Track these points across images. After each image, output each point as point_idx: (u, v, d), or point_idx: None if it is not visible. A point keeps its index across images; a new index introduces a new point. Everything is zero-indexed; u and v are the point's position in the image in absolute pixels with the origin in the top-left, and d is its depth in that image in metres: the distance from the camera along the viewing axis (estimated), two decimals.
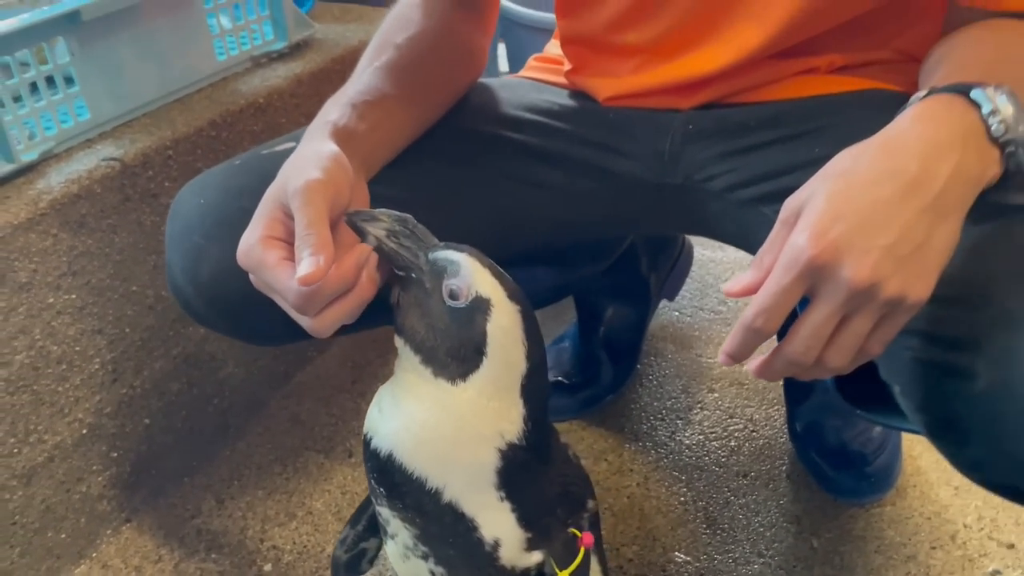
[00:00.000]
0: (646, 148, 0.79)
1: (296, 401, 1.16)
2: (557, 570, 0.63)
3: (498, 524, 0.59)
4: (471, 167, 0.78)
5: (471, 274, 0.57)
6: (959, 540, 0.92)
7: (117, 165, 0.89)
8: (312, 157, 0.60)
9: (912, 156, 0.52)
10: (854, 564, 0.90)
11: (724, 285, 0.54)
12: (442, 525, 0.58)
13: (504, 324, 0.57)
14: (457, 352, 0.57)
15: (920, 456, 1.02)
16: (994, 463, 0.53)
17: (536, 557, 0.62)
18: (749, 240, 0.77)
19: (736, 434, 1.06)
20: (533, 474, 0.60)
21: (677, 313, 1.25)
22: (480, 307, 0.56)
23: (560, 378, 1.09)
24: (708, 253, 1.39)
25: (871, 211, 0.50)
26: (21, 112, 0.86)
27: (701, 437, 1.06)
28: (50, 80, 0.88)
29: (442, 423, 0.57)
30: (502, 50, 1.50)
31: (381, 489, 0.59)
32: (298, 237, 0.55)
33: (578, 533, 0.65)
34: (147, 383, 0.98)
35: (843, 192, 0.51)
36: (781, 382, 1.11)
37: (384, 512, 0.61)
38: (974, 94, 0.54)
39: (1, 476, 0.85)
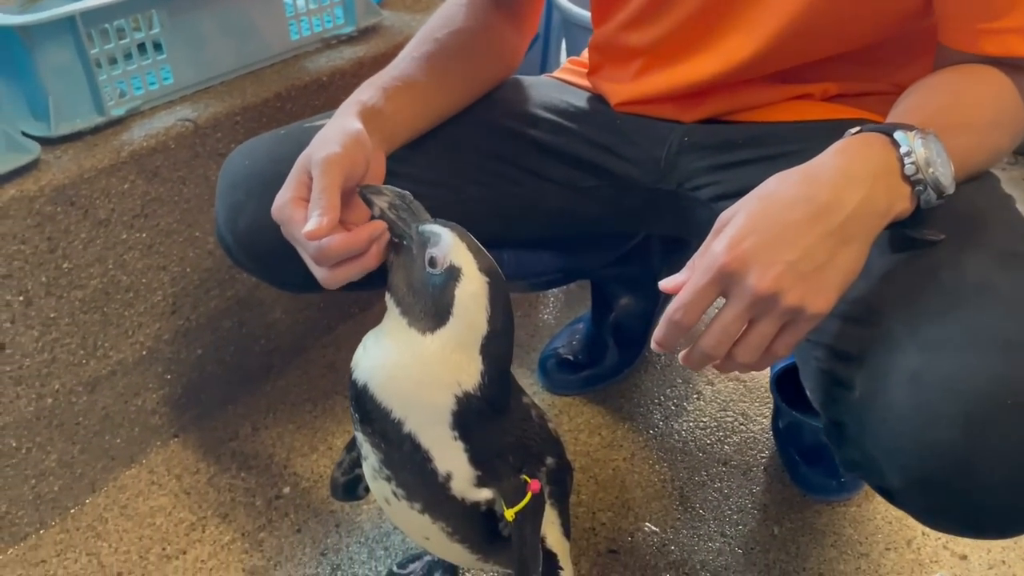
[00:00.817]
0: (645, 154, 0.87)
1: (334, 350, 1.29)
2: (505, 507, 0.73)
3: (450, 459, 0.69)
4: (486, 154, 0.88)
5: (450, 246, 0.67)
6: (914, 545, 0.97)
7: (191, 125, 1.02)
8: (336, 132, 0.71)
9: (825, 185, 0.59)
10: (808, 554, 0.97)
11: (661, 282, 0.62)
12: (402, 452, 0.68)
13: (471, 291, 0.66)
14: (429, 309, 0.67)
15: None
16: (864, 464, 0.61)
17: (485, 494, 0.71)
18: None
19: (726, 425, 1.14)
20: (486, 422, 0.69)
21: None
22: (453, 274, 0.66)
23: (569, 356, 1.19)
24: None
25: (781, 230, 0.57)
26: (114, 73, 0.99)
27: (691, 424, 1.14)
28: (141, 46, 1.02)
29: (409, 365, 0.67)
30: (563, 46, 1.58)
31: (356, 415, 0.70)
32: (312, 200, 0.66)
33: (528, 479, 0.74)
34: (202, 318, 1.12)
35: (761, 211, 0.59)
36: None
37: (359, 436, 0.72)
38: (896, 135, 0.61)
39: (70, 382, 1.00)
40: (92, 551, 1.00)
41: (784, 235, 0.57)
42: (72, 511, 1.05)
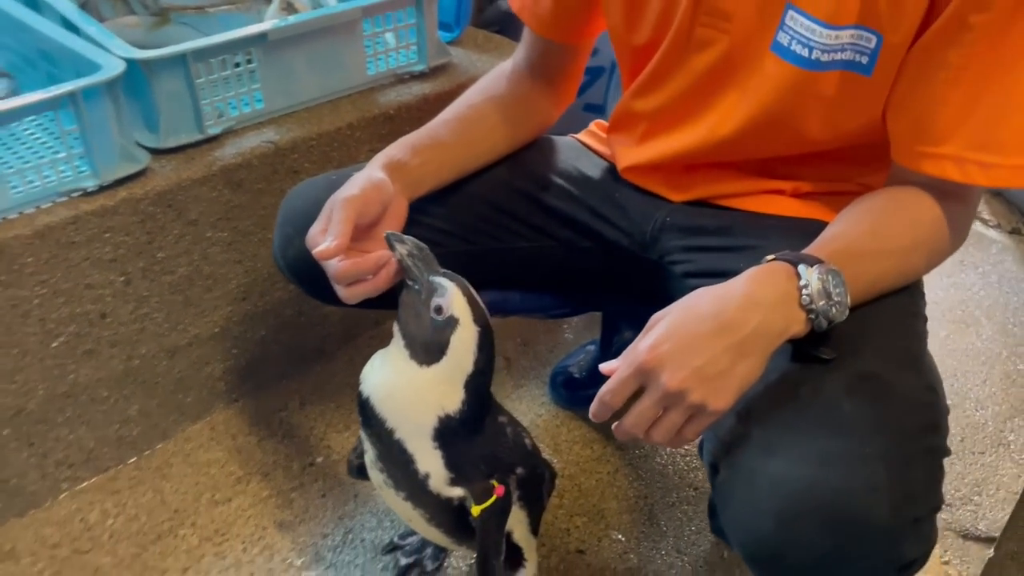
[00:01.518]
0: (635, 227, 1.01)
1: (380, 341, 1.46)
2: (473, 504, 0.89)
3: (429, 463, 0.86)
4: (499, 210, 1.03)
5: (452, 299, 0.83)
6: None
7: (272, 146, 1.22)
8: (360, 179, 0.88)
9: (731, 306, 0.72)
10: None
11: (601, 365, 0.77)
12: (392, 453, 0.86)
13: (463, 338, 0.83)
14: (428, 348, 0.84)
15: None
16: (723, 534, 0.75)
17: (457, 492, 0.88)
18: None
19: None
20: (461, 437, 0.86)
21: None
22: (451, 323, 0.83)
23: (576, 374, 1.34)
24: None
25: (692, 340, 0.70)
26: (215, 97, 1.19)
27: (673, 451, 1.28)
28: (238, 76, 1.21)
29: (404, 389, 0.84)
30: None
31: (361, 418, 0.88)
32: (328, 230, 0.84)
33: (495, 484, 0.90)
34: (267, 305, 1.32)
35: (680, 321, 0.72)
36: None
37: (362, 433, 0.90)
38: (800, 268, 0.73)
39: (154, 349, 1.22)
40: (157, 489, 1.22)
41: (694, 344, 0.70)
42: (145, 453, 1.27)
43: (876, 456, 0.68)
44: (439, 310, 0.83)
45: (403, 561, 1.12)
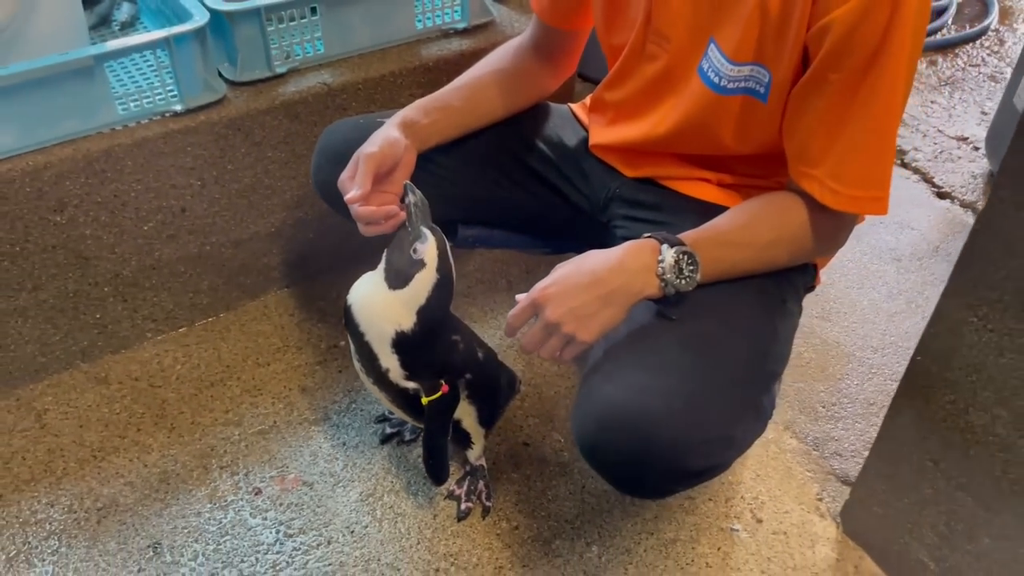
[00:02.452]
0: (593, 193, 1.25)
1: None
2: (423, 396, 1.18)
3: (389, 362, 1.14)
4: (488, 164, 1.28)
5: (428, 247, 1.10)
6: (721, 498, 1.34)
7: (326, 87, 1.49)
8: (380, 137, 1.14)
9: (606, 268, 0.96)
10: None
11: (516, 296, 1.02)
12: (363, 350, 1.14)
13: (423, 278, 1.09)
14: (398, 276, 1.11)
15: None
16: (573, 431, 1.00)
17: (412, 384, 1.16)
18: None
19: None
20: (415, 348, 1.13)
21: None
22: (420, 264, 1.09)
23: None
24: None
25: (572, 287, 0.96)
26: (283, 42, 1.46)
27: None
28: (304, 25, 1.47)
29: (374, 303, 1.12)
30: None
31: (344, 320, 1.17)
32: (355, 179, 1.11)
33: (443, 383, 1.18)
34: (316, 214, 1.62)
35: (568, 272, 0.97)
36: None
37: (347, 331, 1.19)
38: (663, 247, 0.97)
39: (222, 239, 1.54)
40: (216, 347, 1.57)
41: (572, 291, 0.96)
42: (210, 319, 1.62)
43: (679, 392, 0.93)
44: (415, 251, 1.10)
45: (388, 430, 1.43)
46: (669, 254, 0.97)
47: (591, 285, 0.96)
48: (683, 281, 0.97)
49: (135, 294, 1.51)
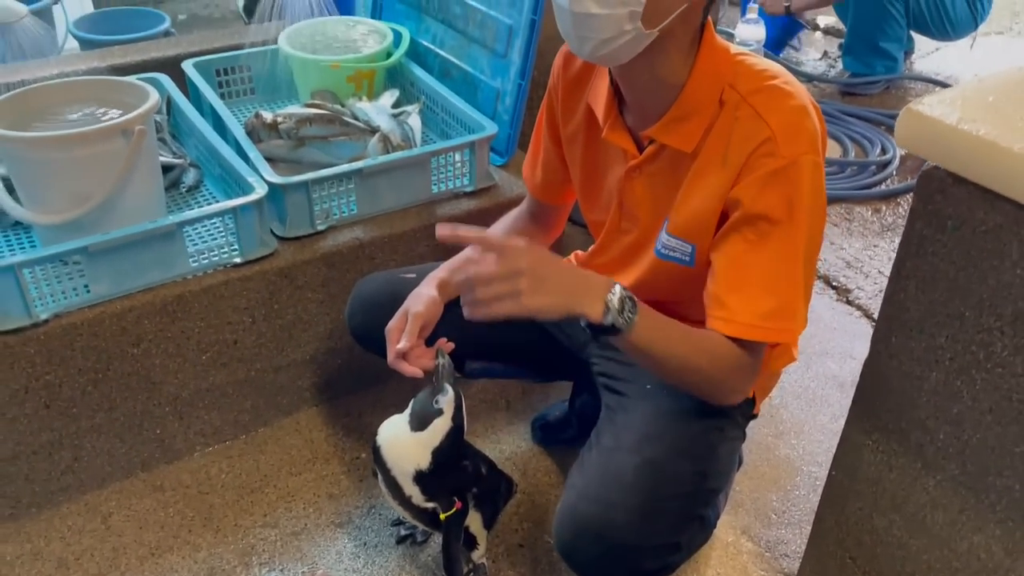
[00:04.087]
0: (578, 339, 1.54)
1: (413, 384, 2.04)
2: (441, 513, 1.43)
3: (411, 490, 1.39)
4: None
5: (446, 401, 1.38)
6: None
7: (358, 241, 1.80)
8: (424, 296, 1.45)
9: (574, 268, 1.21)
10: None
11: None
12: (388, 480, 1.40)
13: (439, 425, 1.37)
14: (420, 421, 1.38)
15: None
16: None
17: (431, 504, 1.42)
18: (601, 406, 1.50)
19: None
20: (433, 480, 1.39)
21: None
22: (439, 411, 1.37)
23: (551, 422, 1.87)
24: None
25: (549, 259, 1.15)
26: (324, 205, 1.79)
27: None
28: (341, 192, 1.80)
29: (397, 445, 1.39)
30: None
31: (372, 456, 1.43)
32: (404, 333, 1.40)
33: (456, 500, 1.44)
34: (345, 344, 1.90)
35: (542, 259, 1.15)
36: None
37: (375, 465, 1.45)
38: (616, 286, 1.16)
39: (265, 366, 1.82)
40: (256, 459, 1.83)
41: (547, 260, 1.14)
42: (251, 434, 1.88)
43: (636, 507, 1.19)
44: (437, 402, 1.38)
45: (403, 532, 1.68)
46: (620, 291, 1.14)
47: (564, 269, 1.15)
48: (621, 318, 1.13)
49: (190, 412, 1.78)
